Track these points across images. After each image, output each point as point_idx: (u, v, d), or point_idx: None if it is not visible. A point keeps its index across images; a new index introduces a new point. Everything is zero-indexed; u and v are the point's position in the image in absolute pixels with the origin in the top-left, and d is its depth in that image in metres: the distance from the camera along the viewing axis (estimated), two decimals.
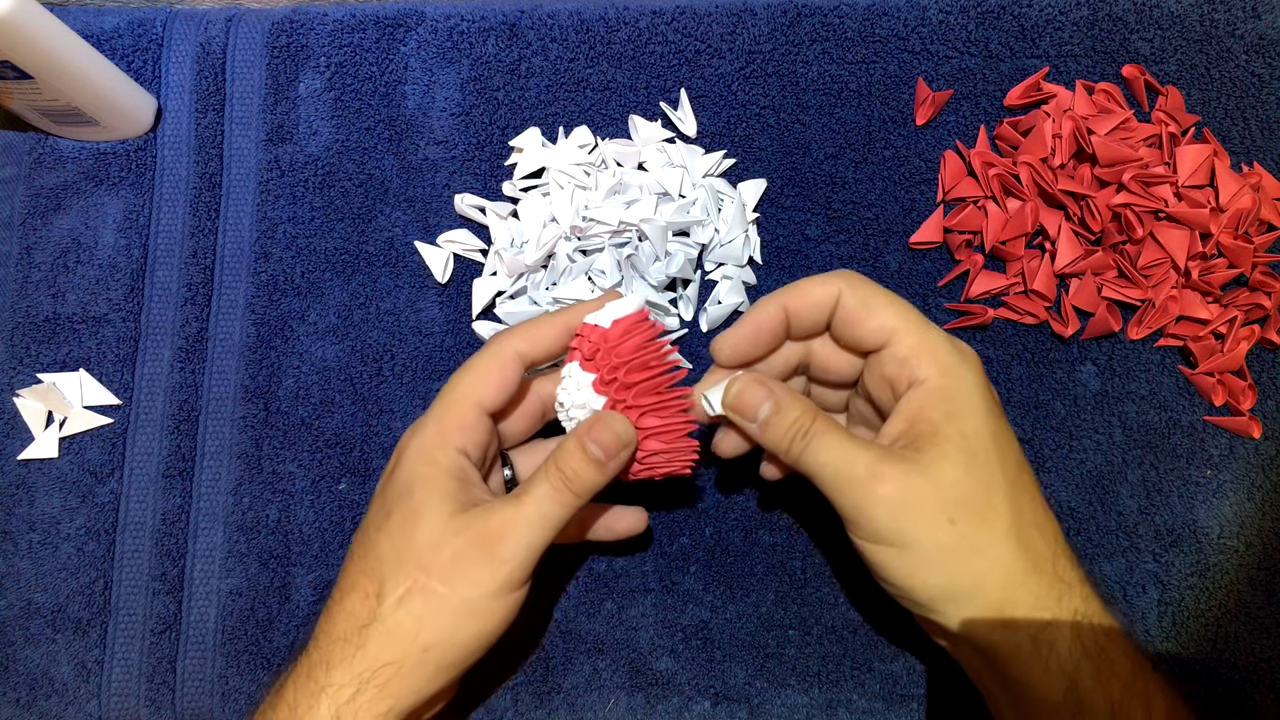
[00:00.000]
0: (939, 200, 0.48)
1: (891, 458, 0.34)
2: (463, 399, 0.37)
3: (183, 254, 0.49)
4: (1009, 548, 0.33)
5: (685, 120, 0.48)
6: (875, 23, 0.49)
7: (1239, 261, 0.45)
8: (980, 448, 0.34)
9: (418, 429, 0.37)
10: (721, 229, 0.46)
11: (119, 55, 0.50)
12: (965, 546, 0.33)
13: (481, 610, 0.34)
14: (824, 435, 0.35)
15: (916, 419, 0.35)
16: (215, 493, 0.46)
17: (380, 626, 0.34)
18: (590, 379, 0.37)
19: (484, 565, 0.34)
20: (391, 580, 0.34)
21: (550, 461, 0.36)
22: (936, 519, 0.33)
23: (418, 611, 0.34)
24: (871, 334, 0.36)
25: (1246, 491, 0.45)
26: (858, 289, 0.36)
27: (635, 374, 0.37)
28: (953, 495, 0.33)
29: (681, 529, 0.45)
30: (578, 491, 0.35)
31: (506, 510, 0.35)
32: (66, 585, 0.46)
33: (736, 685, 0.44)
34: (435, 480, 0.35)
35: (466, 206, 0.48)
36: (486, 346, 0.38)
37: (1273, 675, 0.43)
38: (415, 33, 0.50)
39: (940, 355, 0.35)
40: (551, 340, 0.38)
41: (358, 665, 0.34)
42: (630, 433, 0.36)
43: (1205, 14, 0.48)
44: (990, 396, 0.35)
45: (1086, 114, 0.46)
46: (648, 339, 0.37)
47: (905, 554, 0.33)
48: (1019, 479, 0.34)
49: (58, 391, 0.47)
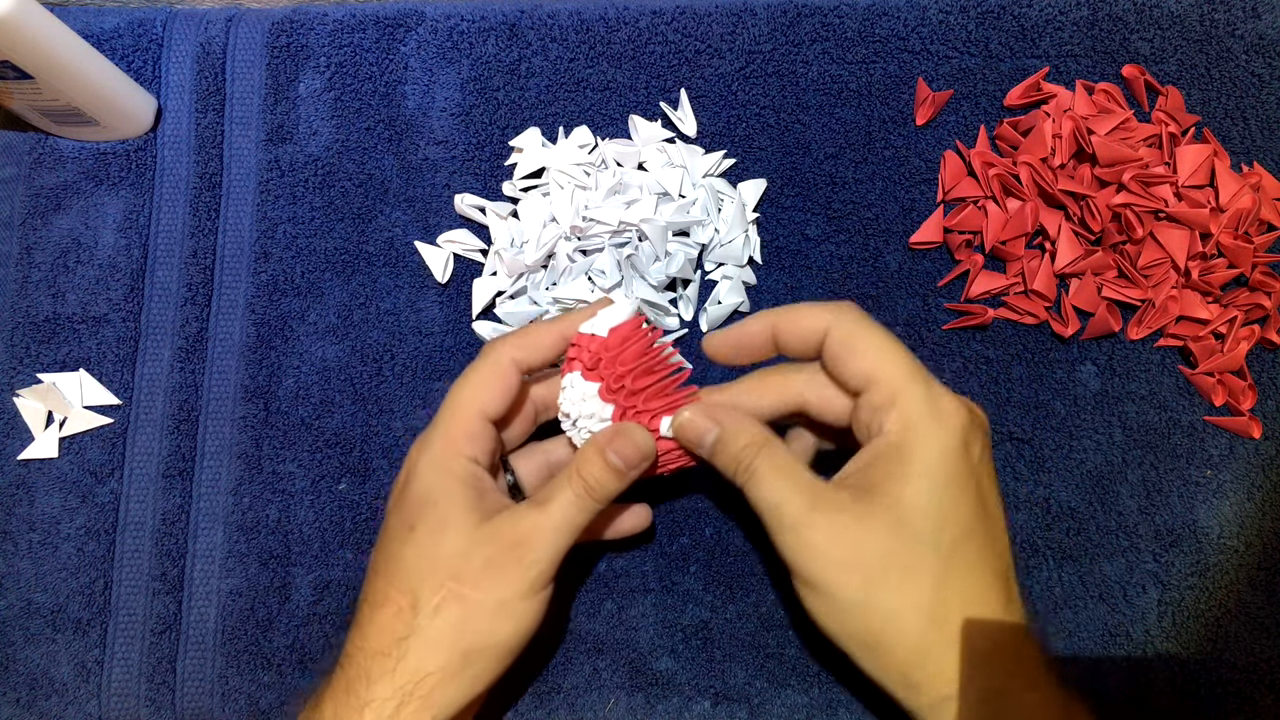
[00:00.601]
0: (939, 200, 0.48)
1: (825, 504, 0.34)
2: (466, 408, 0.37)
3: (183, 254, 0.49)
4: (917, 624, 0.33)
5: (685, 120, 0.48)
6: (875, 23, 0.49)
7: (1239, 261, 0.45)
8: (917, 515, 0.33)
9: (426, 442, 0.37)
10: (721, 229, 0.46)
11: (119, 55, 0.50)
12: (876, 611, 0.33)
13: (516, 611, 0.35)
14: (764, 471, 0.35)
15: (868, 469, 0.34)
16: (215, 493, 0.46)
17: (420, 638, 0.34)
18: (595, 388, 0.37)
19: (515, 569, 0.35)
20: (426, 591, 0.35)
21: (573, 470, 0.36)
22: (852, 577, 0.33)
23: (454, 619, 0.34)
24: (852, 377, 0.35)
25: (1246, 491, 0.45)
26: (845, 326, 0.35)
27: (641, 379, 0.37)
28: (874, 560, 0.33)
29: (681, 529, 0.45)
30: (599, 499, 0.36)
31: (533, 516, 0.36)
32: (66, 585, 0.46)
33: (736, 685, 0.44)
34: (455, 491, 0.36)
35: (466, 206, 0.48)
36: (483, 356, 0.38)
37: (1273, 675, 0.43)
38: (415, 33, 0.50)
39: (909, 411, 0.34)
40: (547, 347, 0.38)
41: (400, 678, 0.34)
42: (651, 444, 0.37)
43: (1205, 14, 0.48)
44: (956, 464, 0.34)
45: (1086, 114, 0.46)
46: (648, 343, 0.37)
47: (823, 600, 0.34)
48: (955, 556, 0.33)
49: (58, 391, 0.47)
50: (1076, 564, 0.44)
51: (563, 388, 0.38)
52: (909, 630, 0.33)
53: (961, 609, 0.33)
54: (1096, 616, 0.44)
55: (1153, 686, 0.43)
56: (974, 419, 0.35)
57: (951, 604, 0.33)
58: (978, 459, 0.35)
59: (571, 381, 0.38)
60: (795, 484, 0.34)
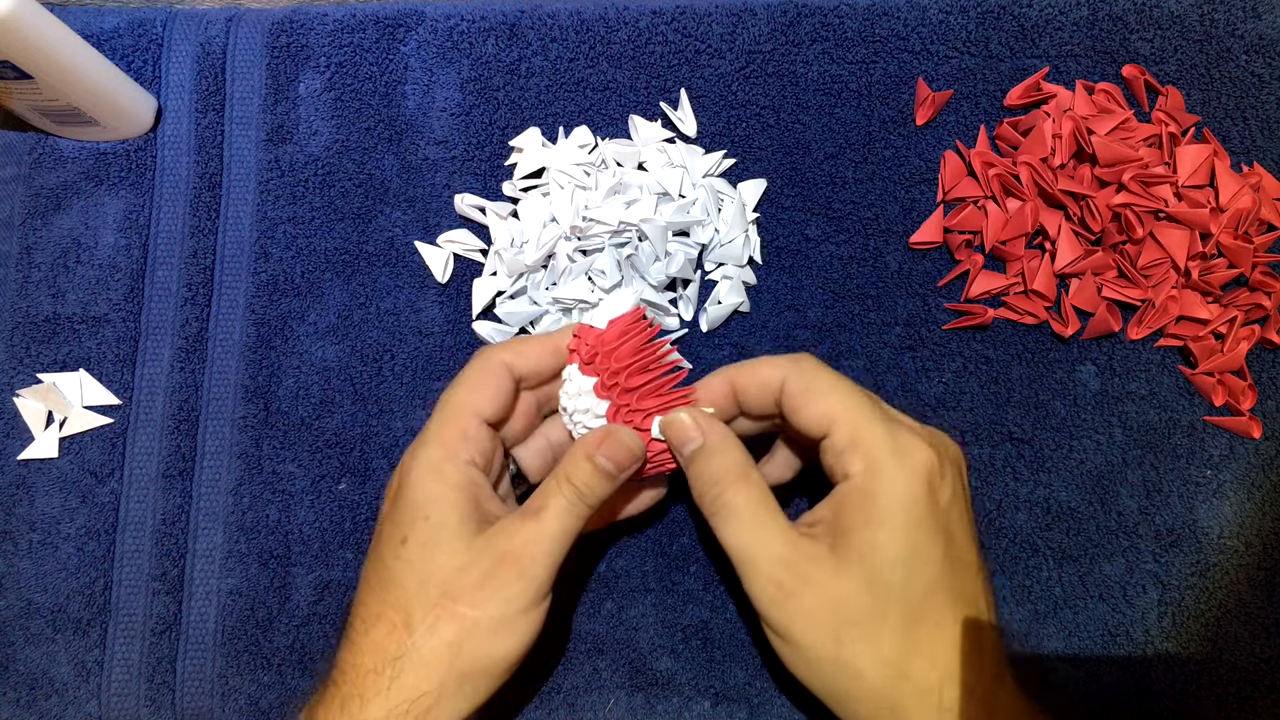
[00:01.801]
0: (939, 200, 0.48)
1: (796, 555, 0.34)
2: (459, 411, 0.36)
3: (183, 254, 0.49)
4: (885, 676, 0.33)
5: (685, 120, 0.48)
6: (875, 23, 0.49)
7: (1239, 261, 0.45)
8: (886, 564, 0.33)
9: (420, 448, 0.36)
10: (721, 229, 0.46)
11: (119, 55, 0.50)
12: (845, 665, 0.33)
13: (514, 627, 0.35)
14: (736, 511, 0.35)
15: (837, 515, 0.34)
16: (215, 493, 0.46)
17: (414, 657, 0.34)
18: (591, 383, 0.37)
19: (512, 584, 0.34)
20: (419, 609, 0.34)
21: (562, 475, 0.36)
22: (823, 633, 0.33)
23: (450, 638, 0.34)
24: (812, 422, 0.35)
25: (1246, 491, 0.45)
26: (804, 375, 0.35)
27: (636, 378, 0.37)
28: (844, 614, 0.33)
29: (681, 529, 0.45)
30: (590, 503, 0.36)
31: (527, 528, 0.35)
32: (66, 585, 0.46)
33: (736, 685, 0.44)
34: (449, 499, 0.35)
35: (466, 206, 0.48)
36: (475, 360, 0.38)
37: (1273, 675, 0.43)
38: (415, 33, 0.50)
39: (871, 452, 0.33)
40: (539, 356, 0.38)
41: (394, 698, 0.33)
42: (641, 447, 0.37)
43: (1205, 14, 0.48)
44: (924, 506, 0.33)
45: (1086, 114, 0.46)
46: (645, 340, 0.37)
47: (793, 650, 0.34)
48: (925, 604, 0.33)
49: (58, 391, 0.47)
50: (1076, 564, 0.44)
51: (563, 379, 0.38)
52: (877, 684, 0.33)
53: (930, 660, 0.33)
54: (1096, 616, 0.44)
55: (1153, 686, 0.43)
56: (942, 455, 0.34)
57: (920, 655, 0.33)
58: (947, 500, 0.34)
59: (570, 374, 0.38)
60: (768, 529, 0.34)
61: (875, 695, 0.33)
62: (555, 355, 0.38)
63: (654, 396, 0.37)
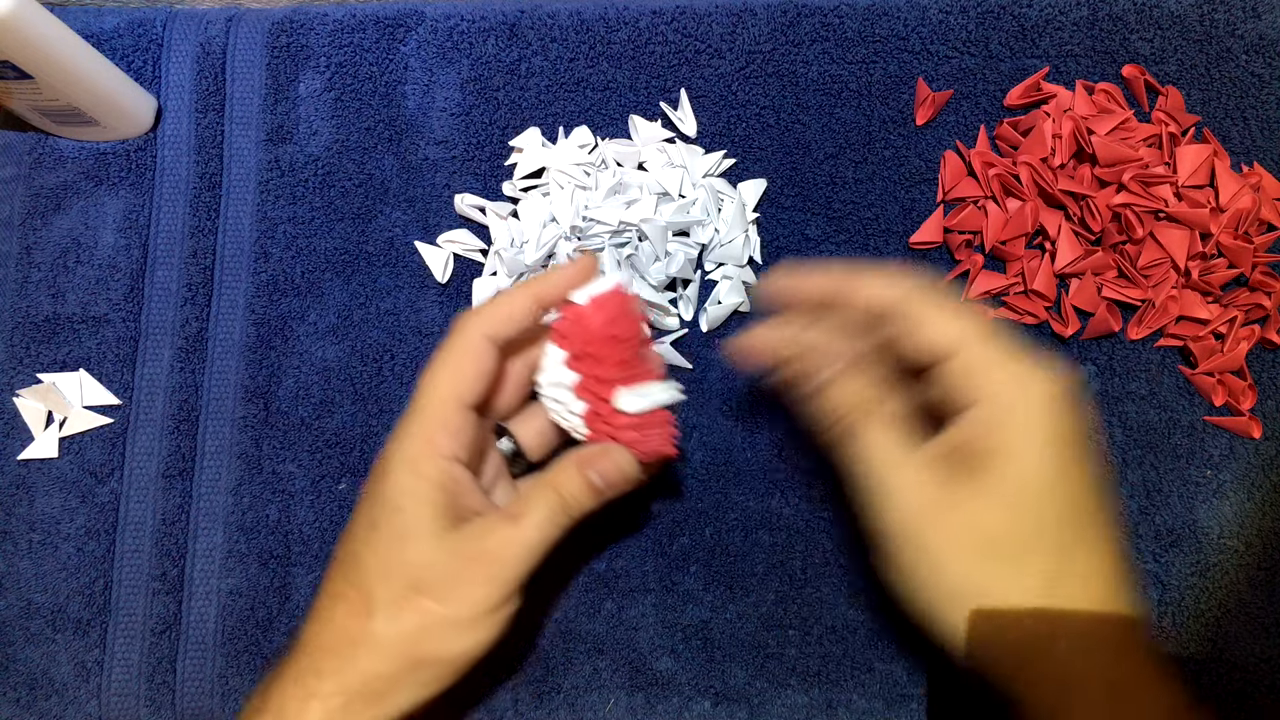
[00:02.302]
0: (939, 200, 0.48)
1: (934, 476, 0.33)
2: (441, 400, 0.35)
3: (183, 254, 0.49)
4: (1037, 597, 0.32)
5: (685, 120, 0.48)
6: (875, 23, 0.49)
7: (1239, 261, 0.45)
8: (1029, 491, 0.32)
9: (401, 436, 0.36)
10: (721, 229, 0.46)
11: (119, 55, 0.50)
12: (990, 588, 0.32)
13: (477, 627, 0.34)
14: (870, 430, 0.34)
15: (968, 443, 0.33)
16: (215, 493, 0.46)
17: (372, 643, 0.34)
18: (564, 356, 0.37)
19: (480, 585, 0.34)
20: (382, 597, 0.34)
21: (549, 484, 0.36)
22: (964, 553, 0.32)
23: (409, 629, 0.34)
24: (925, 347, 0.34)
25: (1246, 491, 0.45)
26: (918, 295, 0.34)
27: (603, 347, 0.36)
28: (989, 534, 0.32)
29: (681, 529, 0.45)
30: (574, 516, 0.36)
31: (504, 531, 0.35)
32: (66, 585, 0.46)
33: (736, 685, 0.44)
34: (424, 494, 0.35)
35: (466, 206, 0.48)
36: (453, 336, 0.36)
37: (1273, 675, 0.43)
38: (415, 33, 0.50)
39: (995, 377, 0.33)
40: (519, 315, 0.36)
41: (349, 677, 0.34)
42: (634, 469, 0.36)
43: (1205, 14, 0.48)
44: (1058, 429, 0.33)
45: (1086, 114, 0.46)
46: (620, 312, 0.36)
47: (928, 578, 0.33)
48: (1075, 524, 0.33)
49: (58, 391, 0.47)
50: None
51: (543, 355, 0.38)
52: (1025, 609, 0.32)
53: (1083, 587, 0.32)
54: None
55: None
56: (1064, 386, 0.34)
57: (1072, 583, 0.32)
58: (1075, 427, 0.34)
59: (548, 349, 0.37)
60: (902, 449, 0.34)
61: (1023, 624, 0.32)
62: (534, 304, 0.36)
63: (619, 367, 0.36)
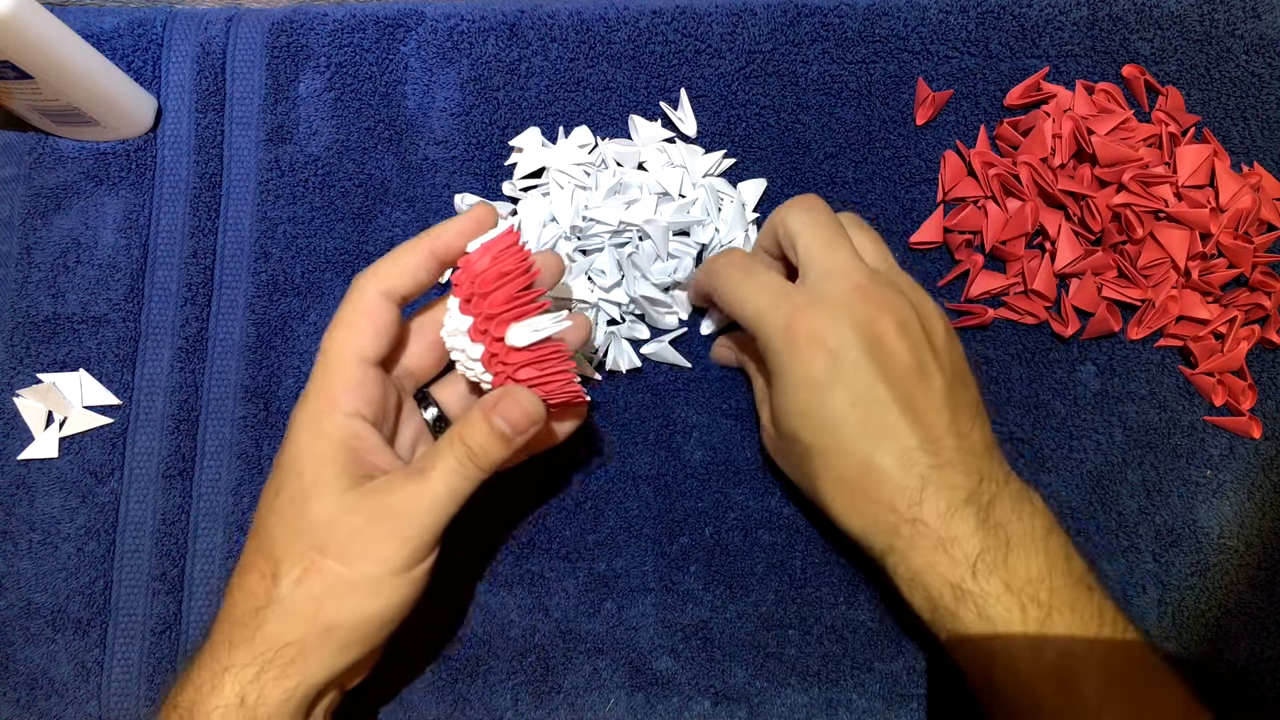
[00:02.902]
0: (939, 200, 0.48)
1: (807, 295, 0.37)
2: (339, 358, 0.35)
3: (183, 254, 0.49)
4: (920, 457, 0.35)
5: (685, 120, 0.48)
6: (875, 23, 0.49)
7: (1239, 261, 0.45)
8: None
9: (303, 399, 0.35)
10: (722, 229, 0.46)
11: (119, 55, 0.50)
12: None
13: (385, 588, 0.34)
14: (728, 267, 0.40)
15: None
16: (215, 493, 0.46)
17: (278, 608, 0.33)
18: (458, 303, 0.36)
19: (386, 543, 0.33)
20: (286, 561, 0.33)
21: (455, 434, 0.34)
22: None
23: (315, 592, 0.33)
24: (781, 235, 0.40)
25: (1246, 491, 0.45)
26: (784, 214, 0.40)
27: (489, 284, 0.35)
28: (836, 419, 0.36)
29: (681, 529, 0.45)
30: (483, 466, 0.34)
31: (410, 486, 0.34)
32: (66, 585, 0.46)
33: (736, 685, 0.44)
34: (325, 454, 0.34)
35: (466, 206, 0.48)
36: (349, 294, 0.36)
37: (1273, 675, 0.43)
38: (415, 33, 0.50)
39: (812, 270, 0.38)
40: (414, 269, 0.36)
41: (258, 645, 0.33)
42: (539, 409, 0.35)
43: (1205, 14, 0.48)
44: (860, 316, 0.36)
45: (1086, 114, 0.46)
46: (506, 250, 0.35)
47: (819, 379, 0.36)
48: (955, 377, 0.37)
49: (58, 391, 0.47)
50: None
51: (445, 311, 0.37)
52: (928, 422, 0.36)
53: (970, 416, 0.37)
54: None
55: None
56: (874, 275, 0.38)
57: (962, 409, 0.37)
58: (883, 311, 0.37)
59: (449, 304, 0.37)
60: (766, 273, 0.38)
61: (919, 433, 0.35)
62: (429, 259, 0.36)
63: (507, 302, 0.35)
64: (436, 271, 0.36)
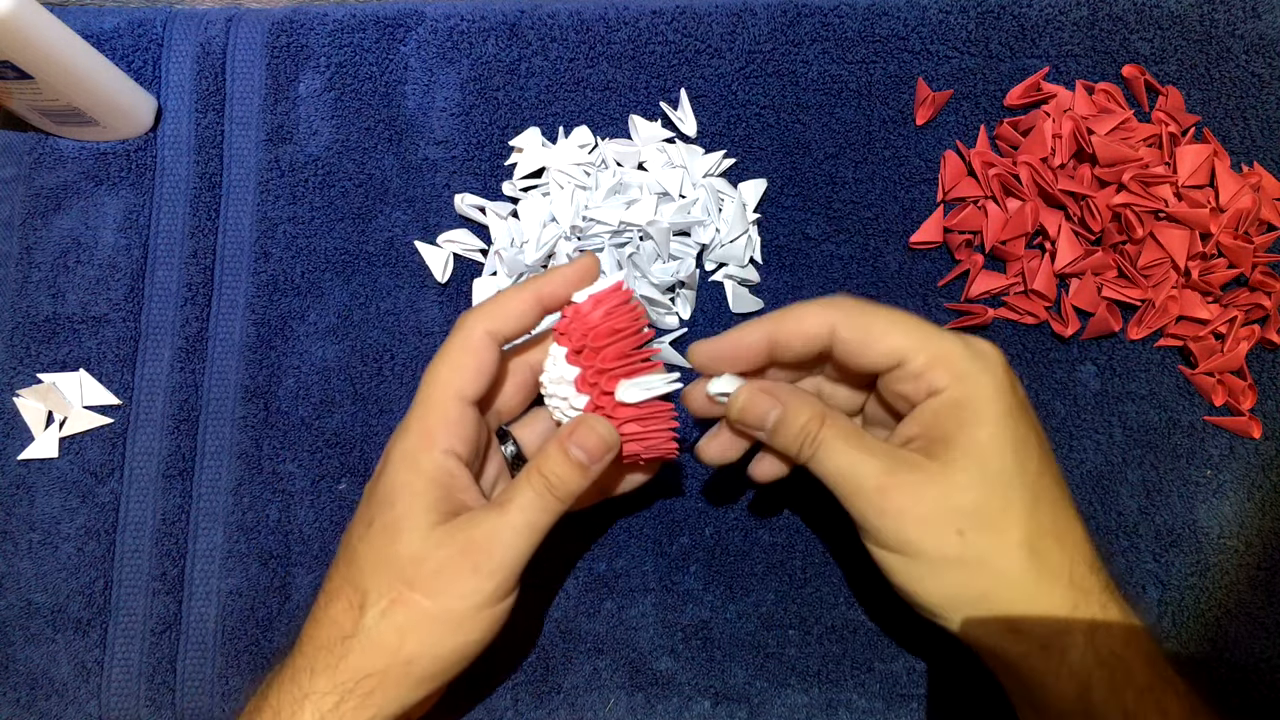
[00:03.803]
0: (939, 200, 0.48)
1: (901, 465, 0.33)
2: (442, 395, 0.35)
3: (183, 254, 0.49)
4: (1019, 559, 0.33)
5: (685, 120, 0.48)
6: (875, 23, 0.49)
7: (1239, 261, 0.45)
8: (995, 455, 0.33)
9: (402, 432, 0.36)
10: (722, 229, 0.46)
11: (119, 55, 0.50)
12: (973, 558, 0.33)
13: (467, 623, 0.34)
14: (833, 441, 0.34)
15: (931, 426, 0.34)
16: (215, 493, 0.46)
17: (363, 638, 0.34)
18: (564, 353, 0.37)
19: (470, 578, 0.34)
20: (374, 592, 0.34)
21: (533, 466, 0.35)
22: (944, 530, 0.33)
23: (400, 624, 0.34)
24: (880, 360, 0.35)
25: (1246, 491, 0.45)
26: (854, 319, 0.35)
27: (603, 338, 0.36)
28: (963, 506, 0.33)
29: (681, 529, 0.45)
30: (561, 497, 0.35)
31: (490, 519, 0.34)
32: (66, 585, 0.46)
33: (736, 685, 0.44)
34: (418, 489, 0.35)
35: (466, 206, 0.48)
36: (455, 332, 0.36)
37: (1273, 675, 0.43)
38: (415, 33, 0.50)
39: (955, 364, 0.34)
40: (520, 314, 0.36)
41: (340, 675, 0.33)
42: (614, 436, 0.36)
43: (1205, 14, 0.48)
44: (1013, 399, 0.34)
45: (1086, 114, 0.46)
46: (619, 305, 0.36)
47: (912, 562, 0.33)
48: (1039, 486, 0.34)
49: (58, 391, 0.47)
50: None
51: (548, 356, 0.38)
52: (1010, 569, 0.33)
53: (1057, 539, 0.33)
54: None
55: None
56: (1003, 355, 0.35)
57: (1046, 534, 0.33)
58: (1023, 392, 0.35)
59: (551, 349, 0.37)
60: (867, 449, 0.34)
61: (1010, 581, 0.33)
62: (535, 304, 0.36)
63: (619, 358, 0.36)
64: (539, 317, 0.37)
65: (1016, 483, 0.33)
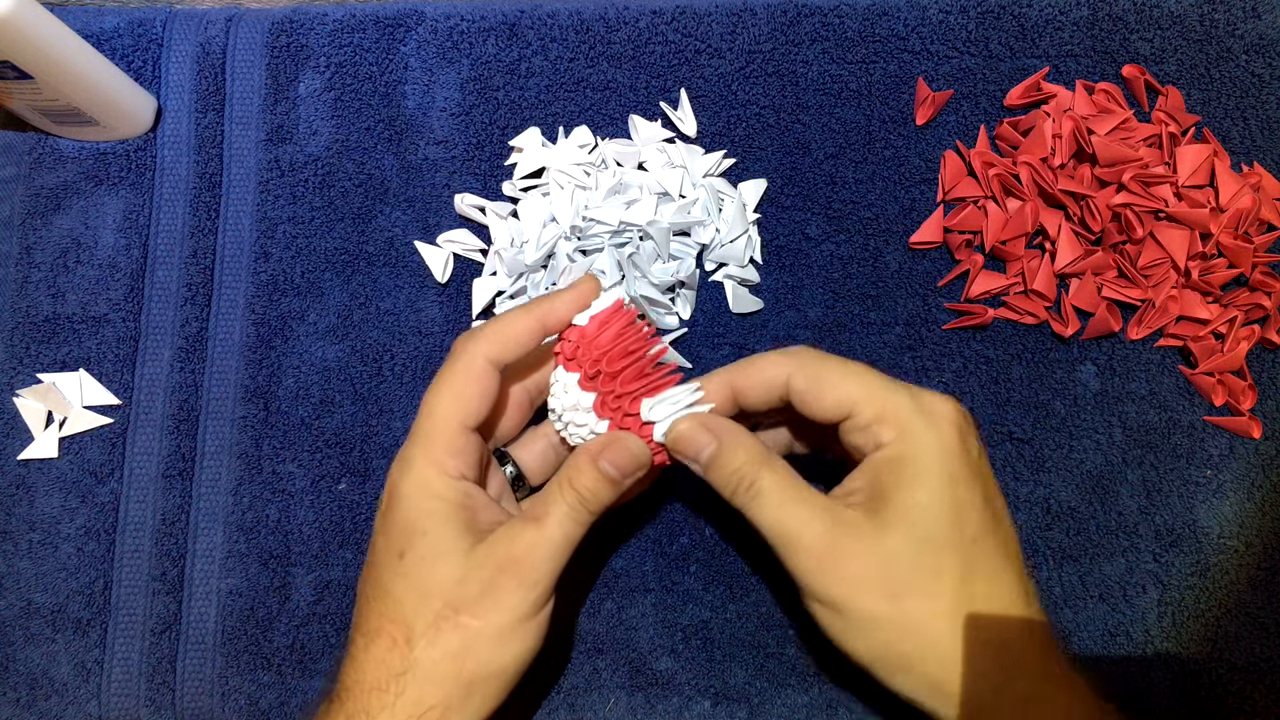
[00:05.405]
0: (939, 200, 0.48)
1: (838, 524, 0.33)
2: (445, 422, 0.36)
3: (183, 254, 0.49)
4: (948, 627, 0.32)
5: (685, 120, 0.48)
6: (875, 23, 0.49)
7: (1239, 261, 0.45)
8: (931, 520, 0.33)
9: (408, 462, 0.36)
10: (722, 229, 0.46)
11: (119, 55, 0.50)
12: (902, 622, 0.33)
13: (516, 635, 0.34)
14: (771, 493, 0.34)
15: (873, 481, 0.34)
16: (215, 493, 0.46)
17: (418, 672, 0.33)
18: (576, 378, 0.37)
19: (514, 591, 0.34)
20: (420, 623, 0.34)
21: (565, 481, 0.35)
22: (876, 593, 0.33)
23: (454, 650, 0.33)
24: (831, 410, 0.35)
25: (1246, 491, 0.45)
26: (809, 366, 0.35)
27: (617, 362, 0.36)
28: (895, 570, 0.33)
29: (681, 529, 0.45)
30: (593, 510, 0.35)
31: (529, 533, 0.34)
32: (66, 585, 0.46)
33: (736, 685, 0.44)
34: (446, 515, 0.35)
35: (466, 206, 0.48)
36: (455, 358, 0.36)
37: (1273, 675, 0.43)
38: (415, 33, 0.50)
39: (901, 419, 0.34)
40: (522, 338, 0.36)
41: (400, 713, 0.33)
42: (646, 452, 0.36)
43: (1205, 14, 0.48)
44: (958, 460, 0.34)
45: (1086, 114, 0.46)
46: (626, 324, 0.36)
47: (843, 619, 0.33)
48: (975, 553, 0.33)
49: (58, 391, 0.47)
50: (1076, 564, 0.44)
51: (551, 383, 0.38)
52: (939, 637, 0.32)
53: (989, 608, 0.33)
54: (1096, 616, 0.44)
55: (1153, 686, 0.43)
56: (964, 414, 0.35)
57: (978, 603, 0.33)
58: (977, 454, 0.35)
59: (556, 375, 0.37)
60: (804, 504, 0.34)
61: (937, 650, 0.32)
62: (536, 327, 0.37)
63: (638, 378, 0.36)
64: (540, 339, 0.37)
65: (949, 549, 0.33)
